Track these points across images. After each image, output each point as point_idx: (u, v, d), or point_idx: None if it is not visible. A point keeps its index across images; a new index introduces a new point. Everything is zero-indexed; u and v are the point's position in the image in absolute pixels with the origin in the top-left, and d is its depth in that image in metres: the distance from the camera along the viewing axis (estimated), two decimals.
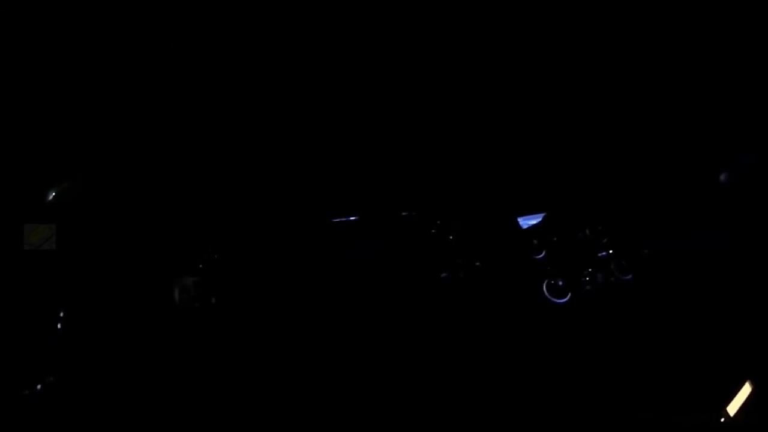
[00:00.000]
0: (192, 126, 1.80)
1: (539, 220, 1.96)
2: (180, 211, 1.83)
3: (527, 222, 1.95)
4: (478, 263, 1.84)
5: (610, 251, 1.89)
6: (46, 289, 1.68)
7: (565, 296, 1.84)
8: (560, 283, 1.85)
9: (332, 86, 1.87)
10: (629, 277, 1.85)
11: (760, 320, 1.67)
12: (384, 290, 1.86)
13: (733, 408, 1.51)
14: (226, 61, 1.76)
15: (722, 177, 1.82)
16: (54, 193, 1.57)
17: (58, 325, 1.65)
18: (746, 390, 1.53)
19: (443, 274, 1.84)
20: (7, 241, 1.68)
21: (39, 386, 1.58)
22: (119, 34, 1.63)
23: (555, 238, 1.92)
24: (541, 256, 1.92)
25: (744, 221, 1.82)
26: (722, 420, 1.52)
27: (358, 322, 1.79)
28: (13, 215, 1.69)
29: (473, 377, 1.72)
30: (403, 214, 1.98)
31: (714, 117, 1.91)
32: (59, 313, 1.67)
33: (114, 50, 1.65)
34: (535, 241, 1.91)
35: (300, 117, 1.88)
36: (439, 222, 1.94)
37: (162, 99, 1.74)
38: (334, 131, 1.94)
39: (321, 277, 1.85)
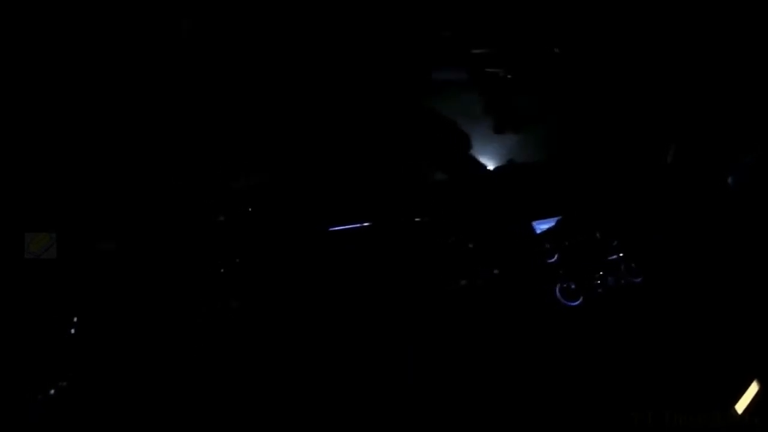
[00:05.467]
0: (195, 132, 1.74)
1: (552, 224, 1.99)
2: (185, 215, 1.79)
3: (540, 226, 1.98)
4: (496, 271, 1.86)
5: (621, 254, 1.94)
6: (49, 298, 1.64)
7: (578, 299, 1.89)
8: (573, 286, 1.89)
9: (344, 94, 1.83)
10: (639, 279, 1.91)
11: (765, 321, 1.75)
12: (398, 291, 1.87)
13: (740, 407, 1.58)
14: (227, 65, 1.70)
15: (729, 179, 1.87)
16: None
17: (66, 332, 1.61)
18: (753, 389, 1.61)
19: (462, 282, 1.86)
20: (7, 249, 1.62)
21: (41, 396, 1.55)
22: (118, 37, 1.56)
23: (567, 242, 1.96)
24: (554, 259, 1.95)
25: (748, 221, 1.88)
26: (727, 420, 1.60)
27: (370, 323, 1.81)
28: (13, 224, 1.63)
29: (484, 378, 1.75)
30: (416, 220, 1.98)
31: (717, 119, 1.95)
32: (66, 320, 1.62)
33: (114, 55, 1.57)
34: (548, 245, 1.95)
35: (311, 123, 1.84)
36: (456, 229, 1.94)
37: (164, 105, 1.68)
38: (345, 136, 1.90)
39: (330, 283, 1.85)
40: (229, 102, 1.74)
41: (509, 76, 1.87)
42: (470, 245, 1.93)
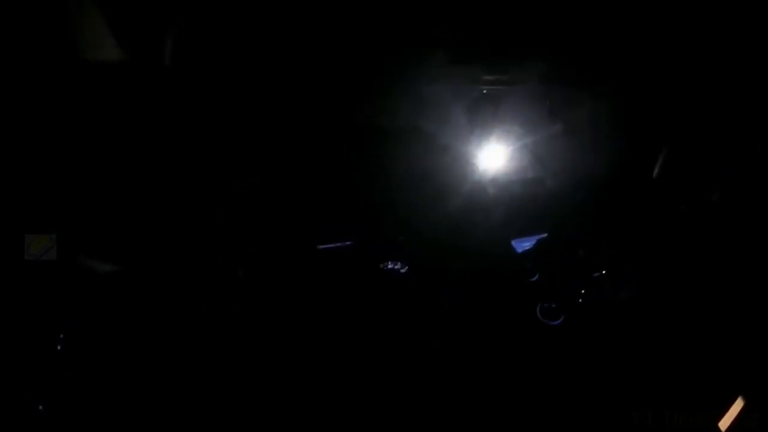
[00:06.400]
0: (193, 134, 1.84)
1: (533, 243, 2.02)
2: (184, 216, 1.85)
3: (522, 245, 2.02)
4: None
5: (603, 272, 1.94)
6: (48, 299, 1.67)
7: (558, 318, 1.88)
8: (553, 305, 1.90)
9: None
10: (626, 294, 1.90)
11: (757, 326, 1.72)
12: (384, 311, 1.89)
13: (724, 423, 1.53)
14: (234, 79, 1.82)
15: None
16: None
17: (66, 333, 1.63)
18: (738, 405, 1.56)
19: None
20: (8, 251, 1.67)
21: (41, 396, 1.56)
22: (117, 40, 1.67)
23: (549, 261, 1.98)
24: (534, 278, 1.97)
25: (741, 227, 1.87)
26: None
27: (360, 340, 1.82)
28: (14, 225, 1.69)
29: (469, 396, 1.73)
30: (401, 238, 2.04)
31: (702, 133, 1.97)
32: (65, 321, 1.65)
33: (113, 58, 1.68)
34: (529, 264, 1.97)
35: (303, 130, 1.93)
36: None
37: (162, 107, 1.78)
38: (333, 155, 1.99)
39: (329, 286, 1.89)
40: (226, 105, 1.84)
41: (487, 91, 1.96)
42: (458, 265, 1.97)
